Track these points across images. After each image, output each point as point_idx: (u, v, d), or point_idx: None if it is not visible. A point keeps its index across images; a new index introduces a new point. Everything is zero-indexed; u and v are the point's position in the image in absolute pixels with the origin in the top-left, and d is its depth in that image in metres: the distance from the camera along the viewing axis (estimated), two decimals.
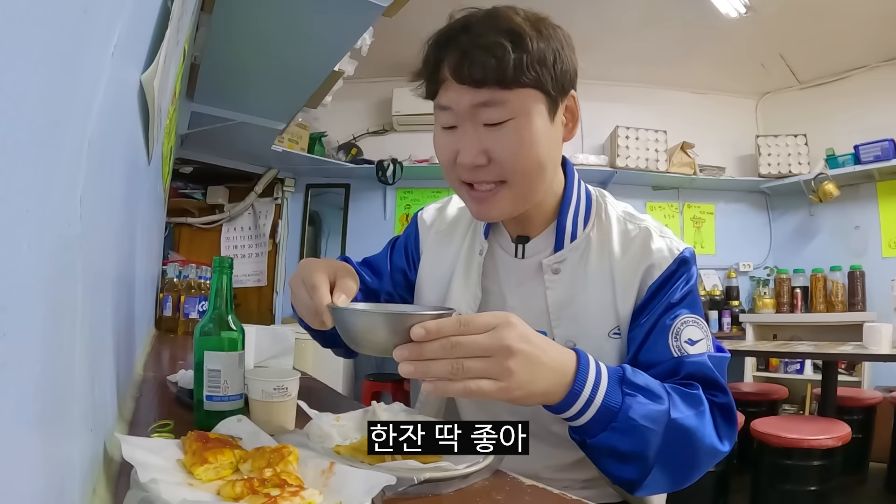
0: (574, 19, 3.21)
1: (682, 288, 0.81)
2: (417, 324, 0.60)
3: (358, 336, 0.65)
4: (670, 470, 0.72)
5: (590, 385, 0.67)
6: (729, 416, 0.76)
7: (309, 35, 1.84)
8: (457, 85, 0.75)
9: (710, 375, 0.76)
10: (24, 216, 0.28)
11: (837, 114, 3.62)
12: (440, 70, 0.77)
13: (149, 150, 0.96)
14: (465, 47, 0.73)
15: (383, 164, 3.67)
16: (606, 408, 0.67)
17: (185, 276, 2.09)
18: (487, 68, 0.72)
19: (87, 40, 0.39)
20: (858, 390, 3.14)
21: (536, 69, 0.73)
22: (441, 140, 0.80)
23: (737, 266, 3.89)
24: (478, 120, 0.75)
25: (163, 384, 1.03)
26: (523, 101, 0.74)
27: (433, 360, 0.60)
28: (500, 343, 0.60)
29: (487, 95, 0.73)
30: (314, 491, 0.48)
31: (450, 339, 0.60)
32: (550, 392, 0.65)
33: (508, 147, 0.75)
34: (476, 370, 0.60)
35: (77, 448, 0.43)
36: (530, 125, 0.75)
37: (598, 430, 0.68)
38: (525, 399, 0.63)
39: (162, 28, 0.79)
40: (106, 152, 0.53)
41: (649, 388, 0.70)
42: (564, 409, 0.67)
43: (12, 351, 0.27)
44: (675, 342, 0.77)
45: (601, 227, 0.87)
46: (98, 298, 0.54)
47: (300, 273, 0.76)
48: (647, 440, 0.68)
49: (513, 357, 0.60)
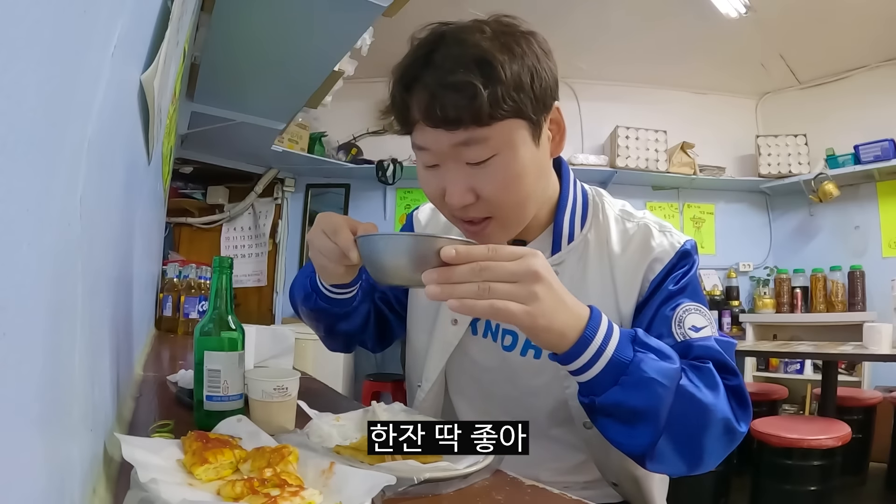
0: (574, 19, 3.22)
1: (683, 278, 0.80)
2: (447, 246, 0.61)
3: (386, 263, 0.65)
4: (680, 442, 0.69)
5: (601, 335, 0.66)
6: (742, 399, 0.73)
7: (309, 35, 1.84)
8: (430, 127, 0.70)
9: (719, 358, 0.74)
10: (24, 216, 0.28)
11: (837, 114, 3.62)
12: (410, 111, 0.72)
13: (149, 150, 0.96)
14: (433, 88, 0.68)
15: (383, 164, 3.67)
16: (617, 361, 0.66)
17: (185, 276, 2.10)
18: (460, 108, 0.67)
19: (87, 40, 0.39)
20: (858, 390, 3.14)
21: (514, 97, 0.68)
22: (426, 178, 0.77)
23: (737, 266, 3.89)
24: (460, 159, 0.71)
25: (163, 384, 1.03)
26: (505, 134, 0.70)
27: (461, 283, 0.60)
28: (528, 269, 0.61)
29: (465, 135, 0.69)
30: (314, 491, 0.48)
31: (479, 263, 0.60)
32: (566, 333, 0.64)
33: (494, 183, 0.72)
34: (503, 292, 0.60)
35: (77, 448, 0.43)
36: (515, 158, 0.71)
37: (608, 384, 0.66)
38: (545, 331, 0.63)
39: (162, 28, 0.79)
40: (106, 152, 0.53)
41: (661, 350, 0.69)
42: (574, 358, 0.66)
43: (12, 351, 0.27)
44: (679, 329, 0.76)
45: (599, 227, 0.86)
46: (98, 298, 0.54)
47: (319, 224, 0.76)
48: (658, 396, 0.66)
49: (540, 283, 0.61)
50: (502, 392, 0.89)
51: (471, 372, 0.92)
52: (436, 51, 0.69)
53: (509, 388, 0.88)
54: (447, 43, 0.70)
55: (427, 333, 0.94)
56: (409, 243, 0.64)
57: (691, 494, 2.30)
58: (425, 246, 0.62)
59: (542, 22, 0.96)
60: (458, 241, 0.62)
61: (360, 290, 0.91)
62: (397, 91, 0.73)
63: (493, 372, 0.89)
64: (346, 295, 0.89)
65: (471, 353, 0.91)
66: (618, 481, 0.86)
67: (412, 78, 0.71)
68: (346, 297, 0.89)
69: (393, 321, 1.05)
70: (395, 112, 0.75)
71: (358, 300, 0.92)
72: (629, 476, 0.85)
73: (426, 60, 0.70)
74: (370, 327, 1.01)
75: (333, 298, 0.89)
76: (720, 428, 0.70)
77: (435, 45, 0.70)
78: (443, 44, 0.70)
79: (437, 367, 0.91)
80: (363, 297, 0.93)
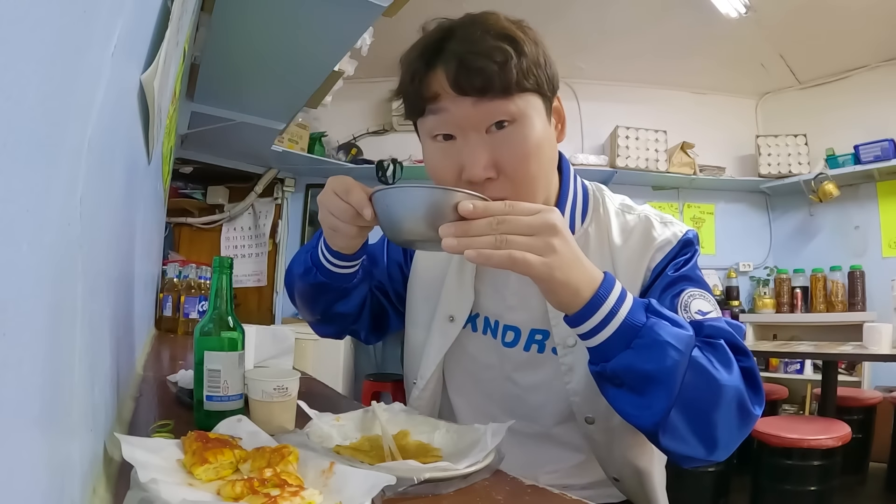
0: (574, 19, 3.22)
1: (685, 265, 0.80)
2: (465, 200, 0.61)
3: (403, 217, 0.64)
4: (693, 417, 0.66)
5: (614, 297, 0.65)
6: (755, 382, 0.71)
7: (309, 35, 1.84)
8: (455, 96, 0.71)
9: (731, 338, 0.72)
10: (24, 216, 0.28)
11: (837, 114, 3.62)
12: (429, 86, 0.73)
13: (149, 150, 0.96)
14: (461, 56, 0.69)
15: (383, 164, 3.66)
16: (629, 324, 0.65)
17: (185, 276, 2.09)
18: (491, 74, 0.69)
19: (87, 40, 0.39)
20: (858, 390, 3.14)
21: (535, 73, 0.72)
22: (438, 156, 0.76)
23: (737, 266, 3.90)
24: (481, 127, 0.72)
25: (163, 384, 1.03)
26: (526, 107, 0.72)
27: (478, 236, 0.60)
28: (546, 222, 0.61)
29: (490, 104, 0.70)
30: (314, 491, 0.48)
31: (496, 217, 0.60)
32: (581, 289, 0.64)
33: (514, 154, 0.72)
34: (521, 244, 0.60)
35: (77, 448, 0.43)
36: (534, 130, 0.73)
37: (620, 347, 0.65)
38: (562, 285, 0.63)
39: (162, 28, 0.79)
40: (106, 152, 0.53)
41: (675, 319, 0.68)
42: (585, 319, 0.65)
43: (12, 351, 0.27)
44: (686, 314, 0.75)
45: (599, 221, 0.86)
46: (98, 298, 0.54)
47: (331, 185, 0.74)
48: (672, 359, 0.64)
49: (557, 235, 0.61)
50: (502, 390, 0.89)
51: (469, 370, 0.92)
52: (457, 29, 0.73)
53: (509, 385, 0.88)
54: (466, 25, 0.73)
55: (424, 330, 0.93)
56: (426, 196, 0.63)
57: (691, 494, 2.30)
58: (443, 199, 0.61)
59: (542, 22, 0.96)
60: (475, 195, 0.62)
61: (361, 269, 0.89)
62: (418, 66, 0.73)
63: (492, 369, 0.89)
64: (348, 269, 0.86)
65: (469, 351, 0.91)
66: (619, 476, 0.85)
67: (435, 52, 0.72)
68: (348, 271, 0.87)
69: (390, 313, 1.03)
70: (410, 90, 0.75)
71: (358, 278, 0.90)
72: (632, 469, 0.85)
73: (449, 36, 0.72)
74: (365, 314, 0.99)
75: (335, 273, 0.86)
76: (734, 406, 0.67)
77: (453, 28, 0.73)
78: (461, 25, 0.73)
79: (433, 364, 0.91)
80: (363, 276, 0.91)
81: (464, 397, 0.94)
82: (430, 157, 0.77)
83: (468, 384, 0.93)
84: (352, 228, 0.74)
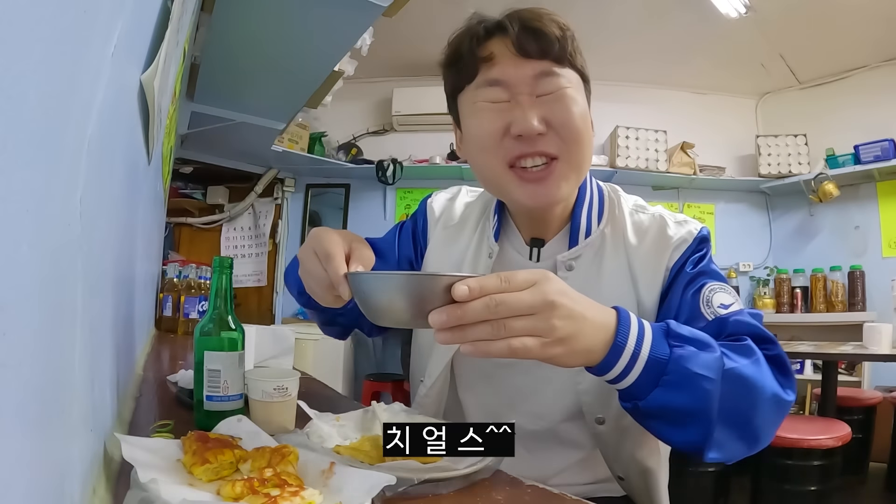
0: (574, 19, 3.19)
1: (702, 261, 0.82)
2: (458, 282, 0.55)
3: (382, 305, 0.58)
4: (735, 425, 0.66)
5: (633, 338, 0.62)
6: (784, 367, 0.71)
7: (309, 35, 1.84)
8: (514, 58, 0.77)
9: (755, 331, 0.72)
10: (24, 216, 0.28)
11: (837, 114, 3.62)
12: (488, 46, 0.79)
13: (149, 150, 0.96)
14: (524, 23, 0.77)
15: (383, 164, 3.67)
16: (654, 360, 0.62)
17: (185, 276, 2.09)
18: (550, 40, 0.76)
19: (87, 40, 0.39)
20: (858, 390, 3.14)
21: (582, 56, 0.81)
22: (486, 118, 0.79)
23: (737, 266, 3.89)
24: (535, 91, 0.77)
25: (163, 384, 1.03)
26: (575, 80, 0.80)
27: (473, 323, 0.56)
28: (544, 298, 0.56)
29: (547, 67, 0.77)
30: (314, 491, 0.48)
31: (493, 298, 0.55)
32: (593, 349, 0.61)
33: (565, 113, 0.77)
34: (519, 329, 0.56)
35: (77, 448, 0.43)
36: (580, 100, 0.79)
37: (649, 387, 0.63)
38: (567, 357, 0.60)
39: (162, 28, 0.79)
40: (106, 152, 0.53)
41: (697, 339, 0.66)
42: (609, 368, 0.63)
43: (12, 351, 0.27)
44: (708, 309, 0.75)
45: (615, 222, 0.88)
46: (98, 298, 0.54)
47: (311, 243, 0.70)
48: (704, 391, 0.63)
49: (556, 311, 0.57)
50: (514, 385, 0.88)
51: (482, 366, 0.91)
52: (513, 11, 0.80)
53: (522, 378, 0.87)
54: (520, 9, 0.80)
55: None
56: (409, 284, 0.56)
57: (691, 494, 2.29)
58: (429, 285, 0.55)
59: None
60: (460, 276, 0.56)
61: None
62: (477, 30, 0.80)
63: (505, 367, 0.88)
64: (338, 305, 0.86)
65: None
66: (625, 475, 0.85)
67: (495, 24, 0.79)
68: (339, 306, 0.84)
69: None
70: (467, 52, 0.80)
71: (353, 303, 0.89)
72: (639, 469, 0.85)
73: (507, 14, 0.79)
74: None
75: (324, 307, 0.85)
76: (770, 403, 0.68)
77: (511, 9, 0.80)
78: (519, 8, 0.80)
79: (443, 362, 0.90)
80: None
81: (473, 395, 0.93)
82: (476, 121, 0.81)
83: (479, 381, 0.91)
84: (329, 296, 0.70)
